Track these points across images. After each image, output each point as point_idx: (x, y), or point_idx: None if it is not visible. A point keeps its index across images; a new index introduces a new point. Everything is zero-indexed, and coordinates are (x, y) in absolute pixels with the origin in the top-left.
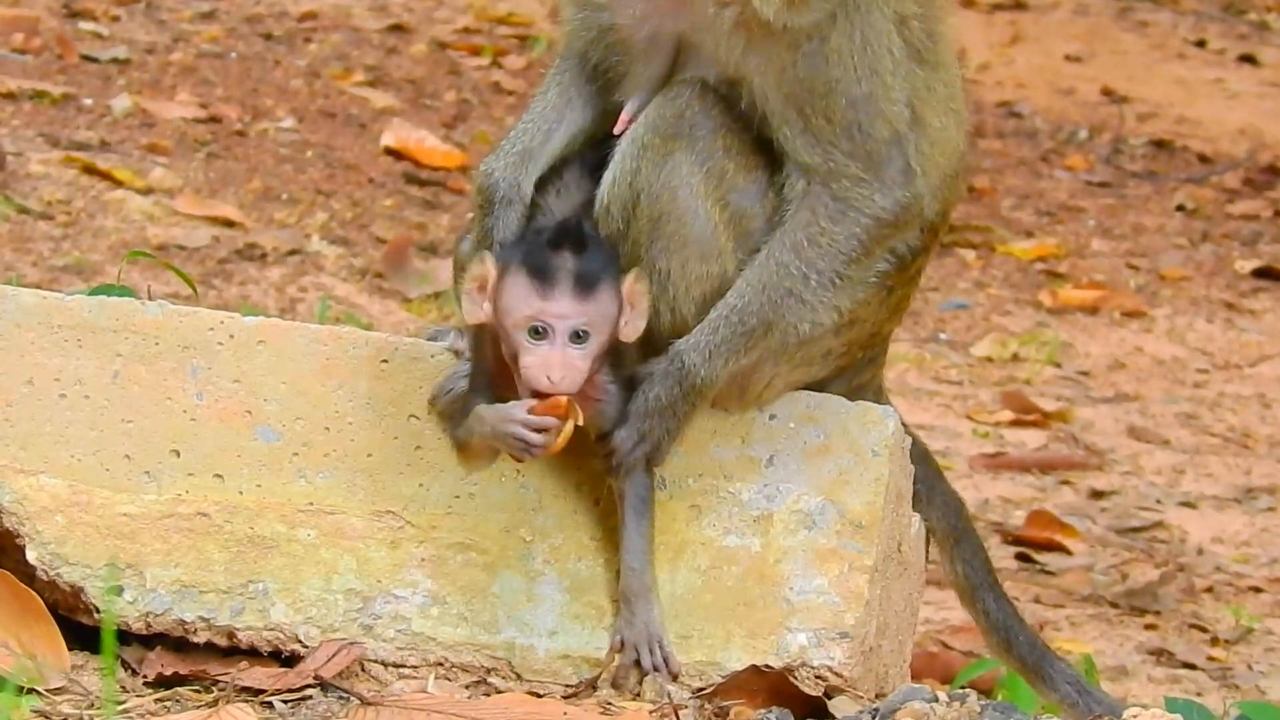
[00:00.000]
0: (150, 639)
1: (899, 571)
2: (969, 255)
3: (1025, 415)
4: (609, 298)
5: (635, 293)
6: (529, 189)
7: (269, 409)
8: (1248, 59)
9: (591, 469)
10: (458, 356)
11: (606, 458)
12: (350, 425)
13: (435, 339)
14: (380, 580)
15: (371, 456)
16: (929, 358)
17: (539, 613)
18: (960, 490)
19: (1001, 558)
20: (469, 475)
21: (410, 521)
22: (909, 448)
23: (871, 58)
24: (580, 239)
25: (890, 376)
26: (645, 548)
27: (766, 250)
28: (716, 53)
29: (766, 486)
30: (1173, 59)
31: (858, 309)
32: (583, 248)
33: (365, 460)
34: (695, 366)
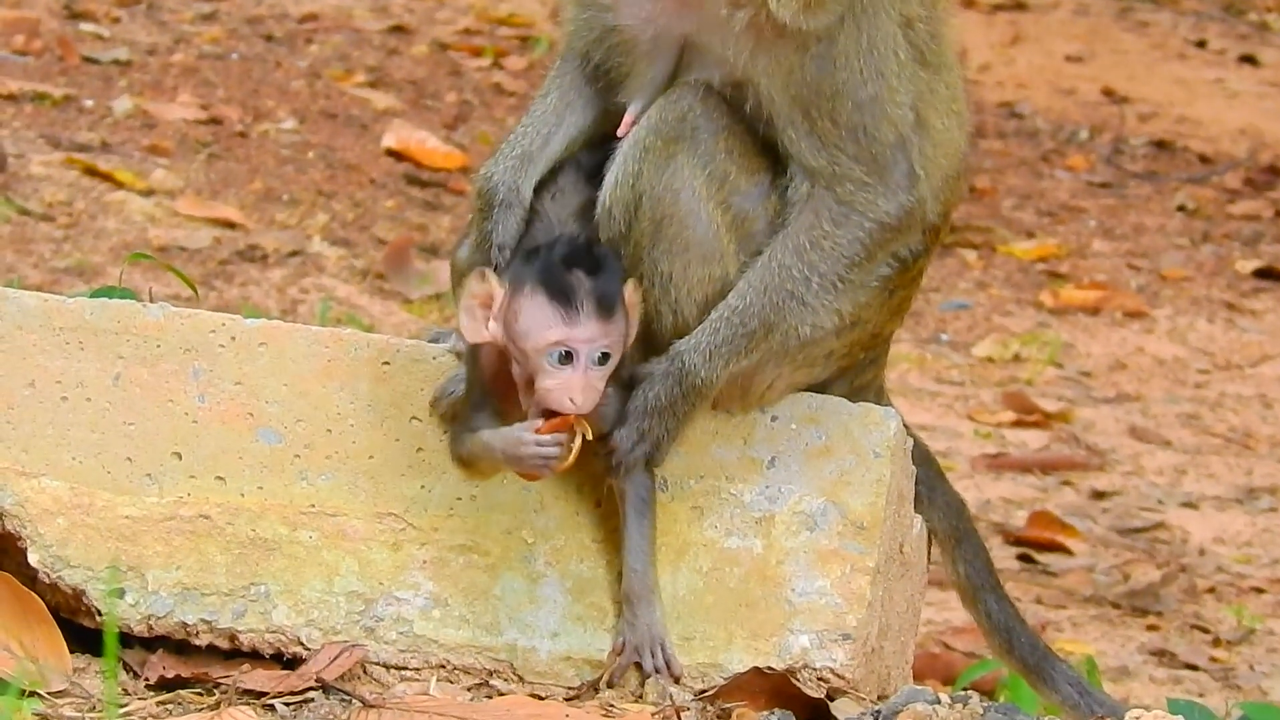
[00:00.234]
0: (152, 641)
1: (901, 573)
2: (970, 255)
3: (1026, 416)
4: (624, 316)
5: (633, 304)
6: (528, 193)
7: (270, 411)
8: (1248, 59)
9: (592, 470)
10: (459, 358)
11: (606, 457)
12: (352, 427)
13: (437, 340)
14: (382, 582)
15: (373, 458)
16: (930, 358)
17: (541, 614)
18: (962, 491)
19: (1003, 558)
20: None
21: (412, 523)
22: (910, 449)
23: (878, 61)
24: (595, 257)
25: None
26: (647, 549)
27: (769, 252)
28: (724, 55)
29: (768, 488)
30: (1173, 59)
31: (859, 311)
32: (598, 266)
33: (367, 462)
34: (695, 367)
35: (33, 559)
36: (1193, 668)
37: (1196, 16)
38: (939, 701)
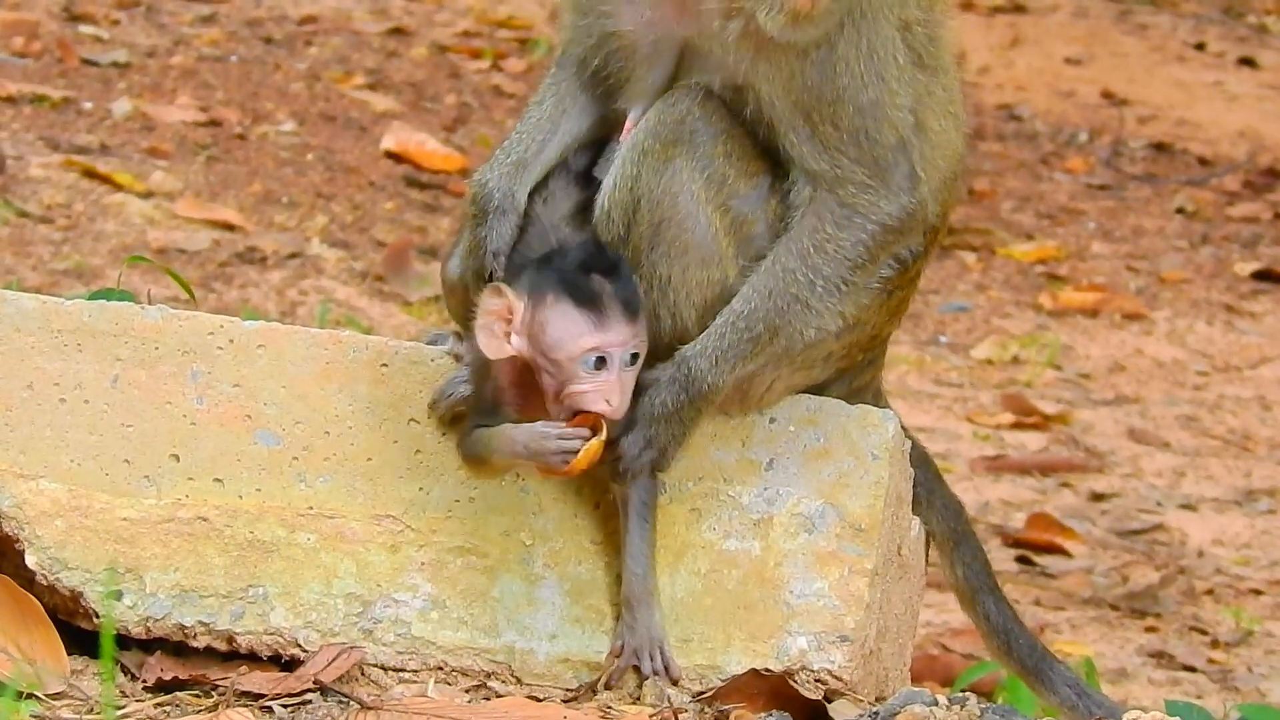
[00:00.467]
0: (150, 643)
1: (899, 575)
2: (969, 258)
3: (1025, 417)
4: (645, 314)
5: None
6: (523, 199)
7: (269, 413)
8: (1247, 62)
9: (591, 473)
10: (457, 360)
11: (613, 463)
12: (350, 429)
13: (435, 343)
14: (380, 584)
15: (371, 460)
16: (929, 360)
17: (539, 616)
18: (960, 492)
19: (1002, 560)
20: (469, 479)
21: (410, 525)
22: (909, 451)
23: (878, 65)
24: (609, 260)
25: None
26: (648, 552)
27: (772, 256)
28: (724, 60)
29: (766, 490)
30: (1172, 62)
31: (861, 313)
32: (614, 268)
33: (365, 464)
34: (702, 373)
35: (30, 561)
36: (1191, 669)
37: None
38: (937, 703)
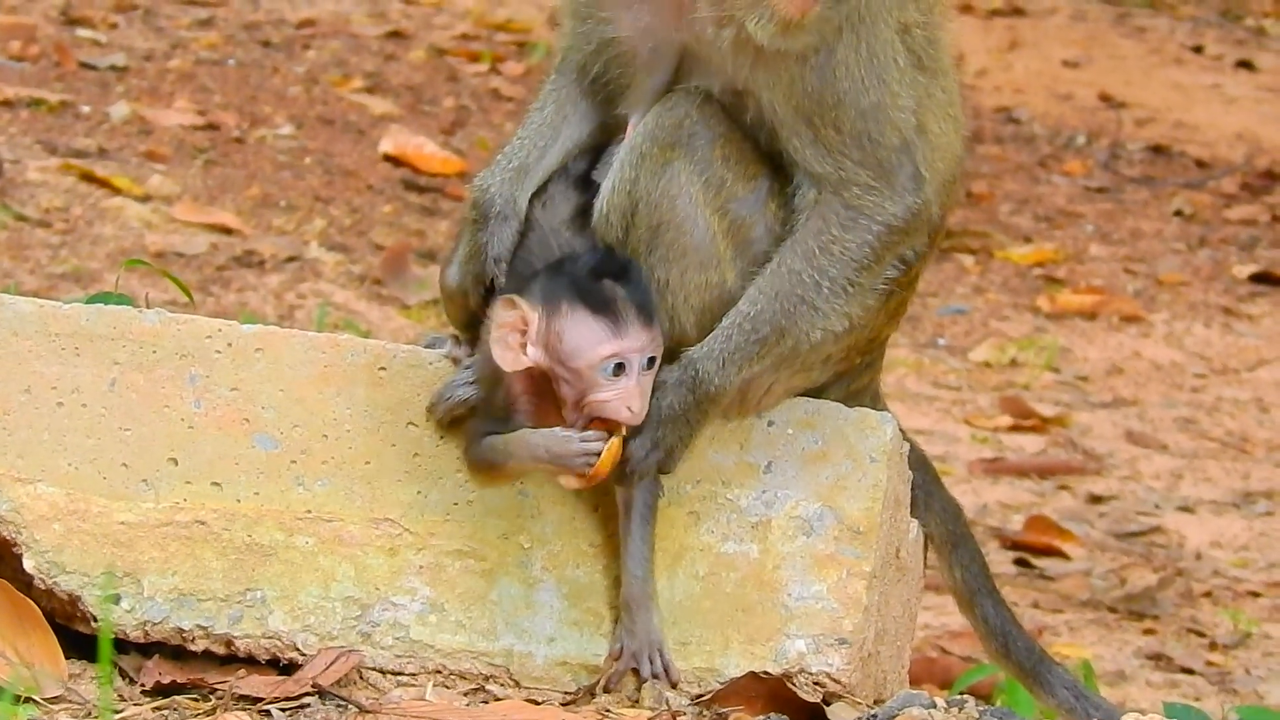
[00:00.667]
0: (148, 647)
1: (897, 577)
2: (967, 260)
3: (1023, 420)
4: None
5: None
6: (524, 204)
7: (267, 417)
8: (1245, 64)
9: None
10: (456, 364)
11: (619, 466)
12: (348, 433)
13: (433, 346)
14: (378, 588)
15: (369, 464)
16: (927, 363)
17: (537, 620)
18: (959, 495)
19: (1000, 562)
20: (468, 483)
21: (408, 529)
22: (907, 453)
23: (879, 68)
24: (621, 265)
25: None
26: (648, 555)
27: (778, 258)
28: (723, 66)
29: (765, 493)
30: (1170, 64)
31: (865, 315)
32: (626, 273)
33: (363, 468)
34: (709, 375)
35: (28, 565)
36: (1189, 672)
37: (1193, 22)
38: (935, 706)
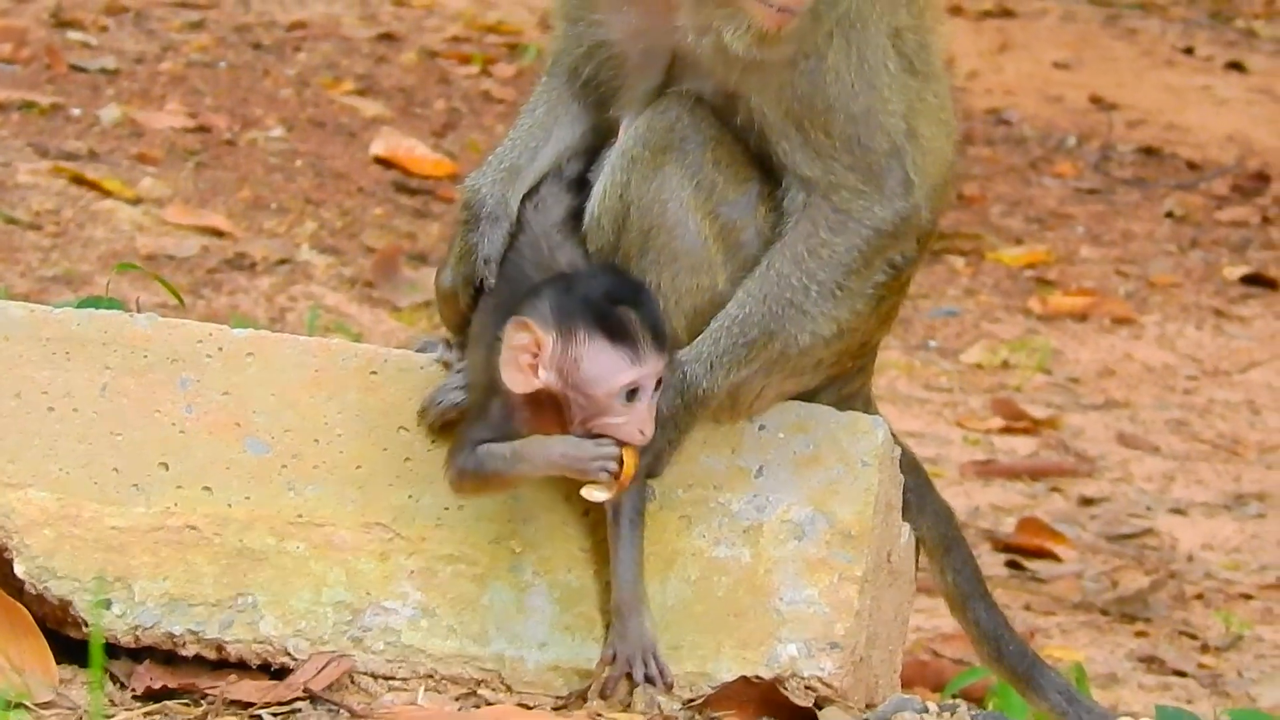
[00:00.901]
0: (139, 652)
1: (889, 581)
2: (959, 262)
3: (1015, 422)
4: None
5: None
6: (515, 206)
7: (258, 421)
8: (1235, 66)
9: (580, 480)
10: (447, 368)
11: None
12: (339, 437)
13: (424, 350)
14: (370, 592)
15: (361, 468)
16: (919, 365)
17: (529, 624)
18: (950, 497)
19: (992, 565)
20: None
21: (400, 533)
22: (898, 457)
23: (869, 73)
24: (632, 286)
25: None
26: (638, 559)
27: (766, 261)
28: (713, 69)
29: (756, 497)
30: (1161, 66)
31: (854, 319)
32: (637, 295)
33: (354, 472)
34: (697, 378)
35: (19, 570)
36: (1181, 674)
37: (1184, 24)
38: (927, 710)
